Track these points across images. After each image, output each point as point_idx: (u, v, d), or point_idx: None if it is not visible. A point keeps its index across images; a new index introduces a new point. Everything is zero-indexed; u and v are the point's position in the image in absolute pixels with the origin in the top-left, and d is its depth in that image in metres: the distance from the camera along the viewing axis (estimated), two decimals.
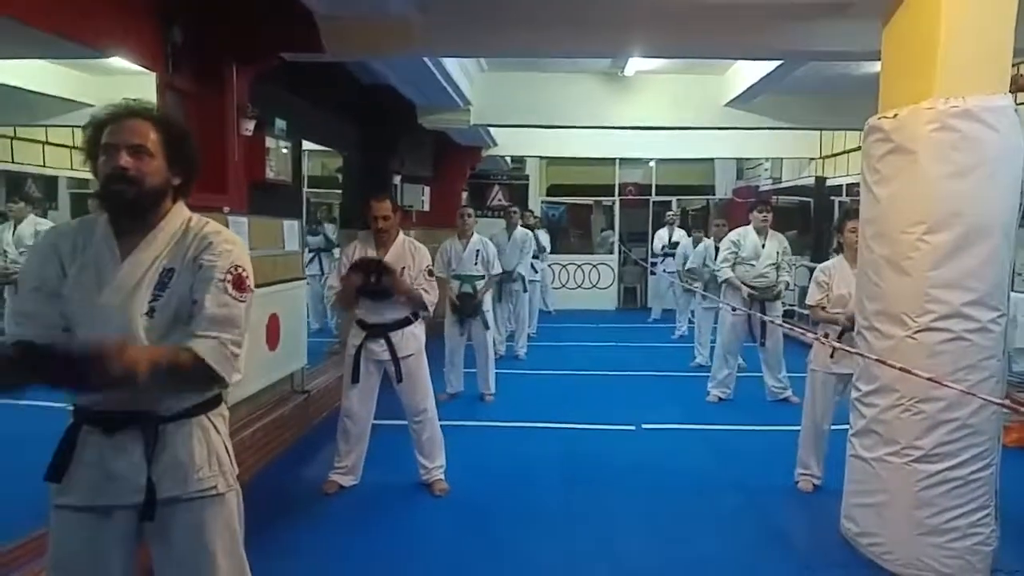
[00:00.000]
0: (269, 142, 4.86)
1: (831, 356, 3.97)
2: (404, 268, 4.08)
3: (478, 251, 6.31)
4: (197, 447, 1.86)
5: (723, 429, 5.59)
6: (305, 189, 7.41)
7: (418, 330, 4.23)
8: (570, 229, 15.07)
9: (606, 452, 5.07)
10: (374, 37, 4.09)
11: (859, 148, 9.04)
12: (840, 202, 10.05)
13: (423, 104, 7.16)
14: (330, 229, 9.19)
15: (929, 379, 2.79)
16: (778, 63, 5.73)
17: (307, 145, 8.03)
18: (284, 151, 5.13)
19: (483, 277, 6.33)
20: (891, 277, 3.08)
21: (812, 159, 10.11)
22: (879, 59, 3.63)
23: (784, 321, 6.64)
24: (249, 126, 4.52)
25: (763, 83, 6.37)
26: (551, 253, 12.67)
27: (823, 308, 4.15)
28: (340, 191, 7.88)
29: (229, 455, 1.97)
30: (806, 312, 8.98)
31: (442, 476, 4.29)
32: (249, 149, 4.63)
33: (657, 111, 7.29)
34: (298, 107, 5.66)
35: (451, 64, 6.12)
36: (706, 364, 7.84)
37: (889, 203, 3.12)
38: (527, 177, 13.69)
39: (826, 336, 4.08)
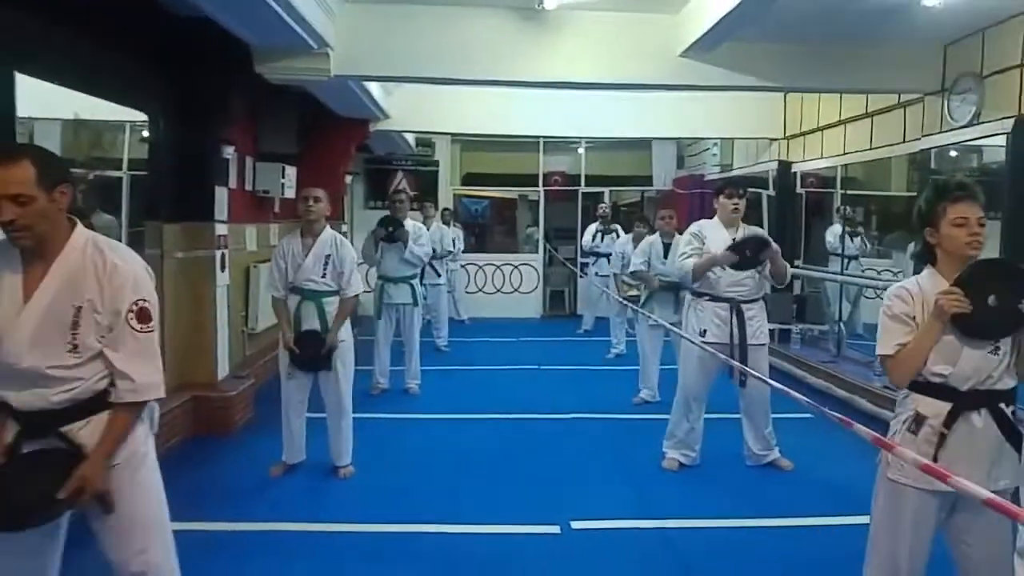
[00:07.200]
0: None
1: (934, 460, 2.09)
2: (80, 306, 2.01)
3: (328, 256, 4.22)
4: None
5: (691, 527, 3.64)
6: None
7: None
8: (493, 226, 13.31)
9: None
10: None
11: (838, 124, 7.39)
12: (804, 195, 8.35)
13: (260, 45, 5.03)
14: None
15: None
16: None
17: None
18: None
19: (334, 293, 4.25)
20: None
21: (773, 140, 8.36)
22: None
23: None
24: None
25: (733, 19, 4.53)
26: (467, 252, 10.77)
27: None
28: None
29: None
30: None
31: None
32: None
33: (591, 62, 5.34)
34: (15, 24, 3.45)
35: None
36: (653, 401, 6.01)
37: None
38: (437, 163, 11.63)
39: (916, 424, 2.19)
